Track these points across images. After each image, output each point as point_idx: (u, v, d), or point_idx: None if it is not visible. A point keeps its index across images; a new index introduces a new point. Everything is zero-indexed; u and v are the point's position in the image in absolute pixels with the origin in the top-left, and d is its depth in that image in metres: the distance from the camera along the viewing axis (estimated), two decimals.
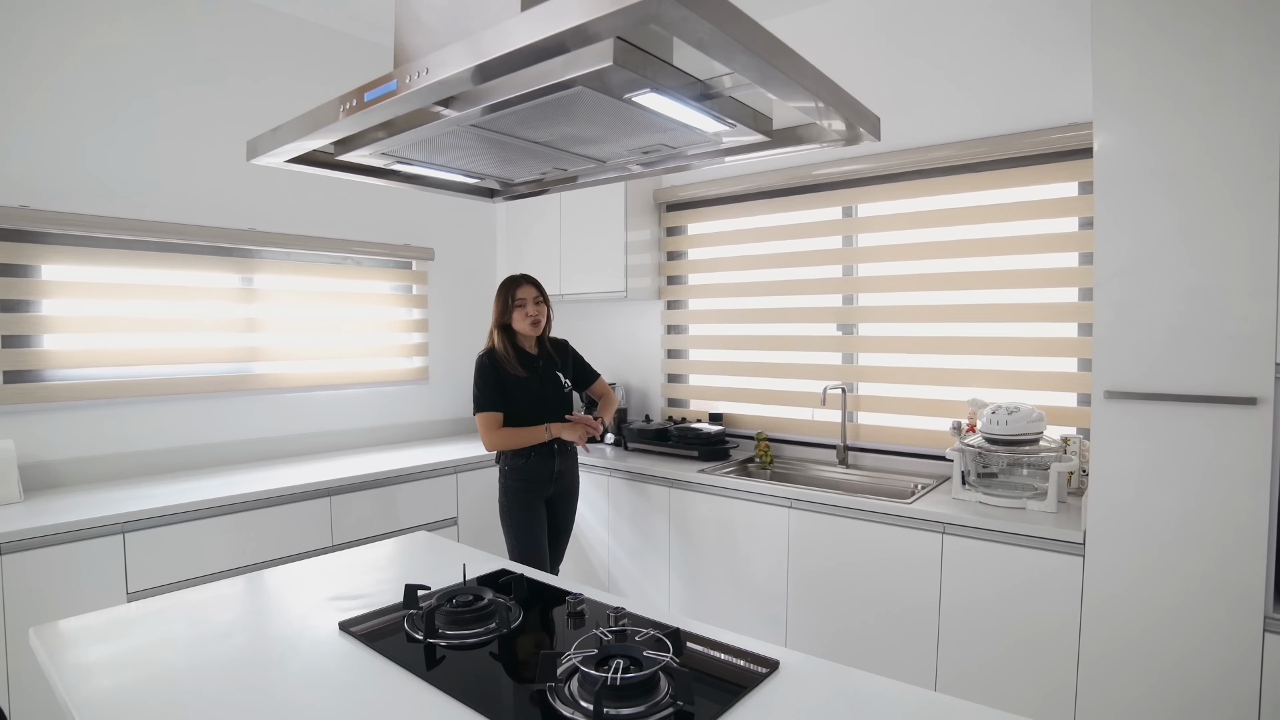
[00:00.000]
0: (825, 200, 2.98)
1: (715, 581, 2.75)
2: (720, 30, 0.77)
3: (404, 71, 0.98)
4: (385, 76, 1.02)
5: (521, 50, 0.79)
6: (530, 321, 2.48)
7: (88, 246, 2.49)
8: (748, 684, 1.13)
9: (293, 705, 1.08)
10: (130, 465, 2.59)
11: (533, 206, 3.73)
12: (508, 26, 0.80)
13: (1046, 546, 2.01)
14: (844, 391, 2.91)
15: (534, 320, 2.48)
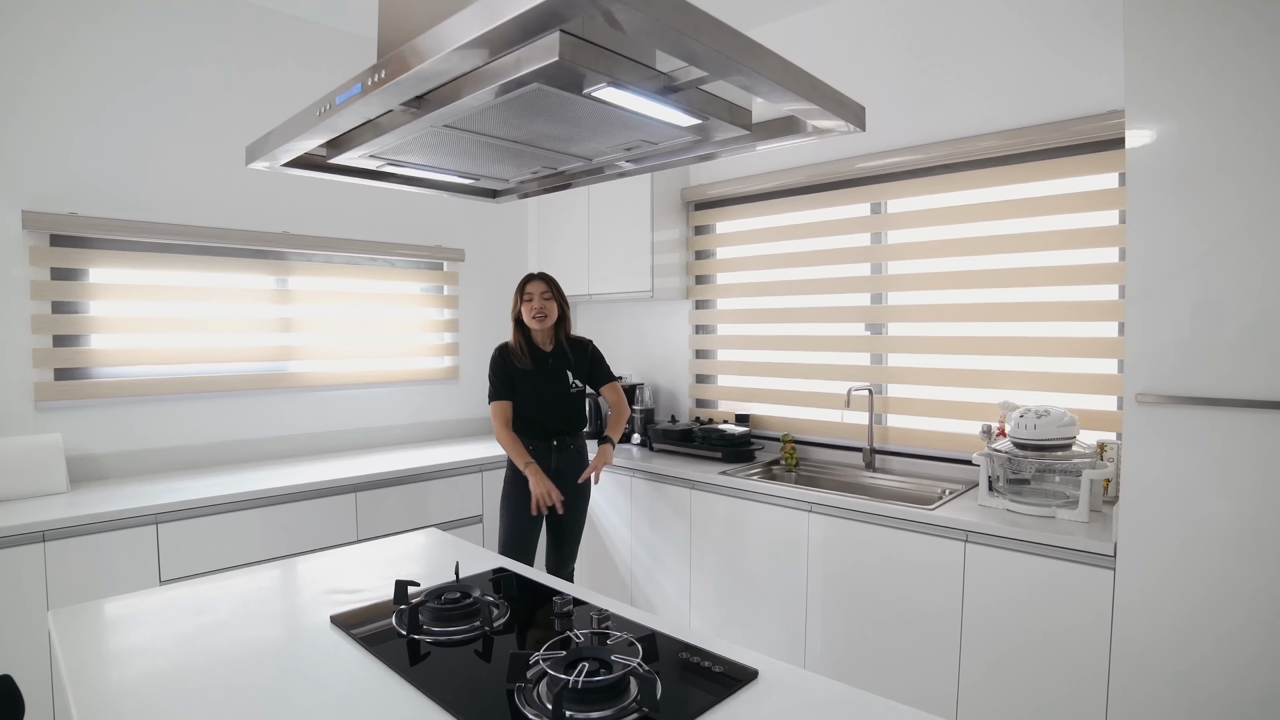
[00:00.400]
0: (854, 196, 2.90)
1: (736, 585, 2.71)
2: (663, 23, 0.75)
3: (366, 74, 0.99)
4: (354, 80, 1.03)
5: (458, 50, 0.79)
6: (534, 315, 2.52)
7: (131, 250, 2.62)
8: (721, 693, 1.10)
9: (273, 695, 1.10)
10: (170, 459, 2.72)
11: (562, 208, 3.76)
12: (445, 26, 0.80)
13: (1074, 558, 1.90)
14: (870, 393, 2.83)
15: (537, 314, 2.53)
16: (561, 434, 2.62)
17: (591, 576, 3.29)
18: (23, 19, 2.37)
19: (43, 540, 2.03)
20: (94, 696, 1.10)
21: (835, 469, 2.89)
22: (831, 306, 3.00)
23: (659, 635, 1.30)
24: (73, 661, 1.22)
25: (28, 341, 2.41)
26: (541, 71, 0.89)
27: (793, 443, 3.00)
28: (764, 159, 3.16)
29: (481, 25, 0.72)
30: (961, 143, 2.55)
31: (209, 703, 1.08)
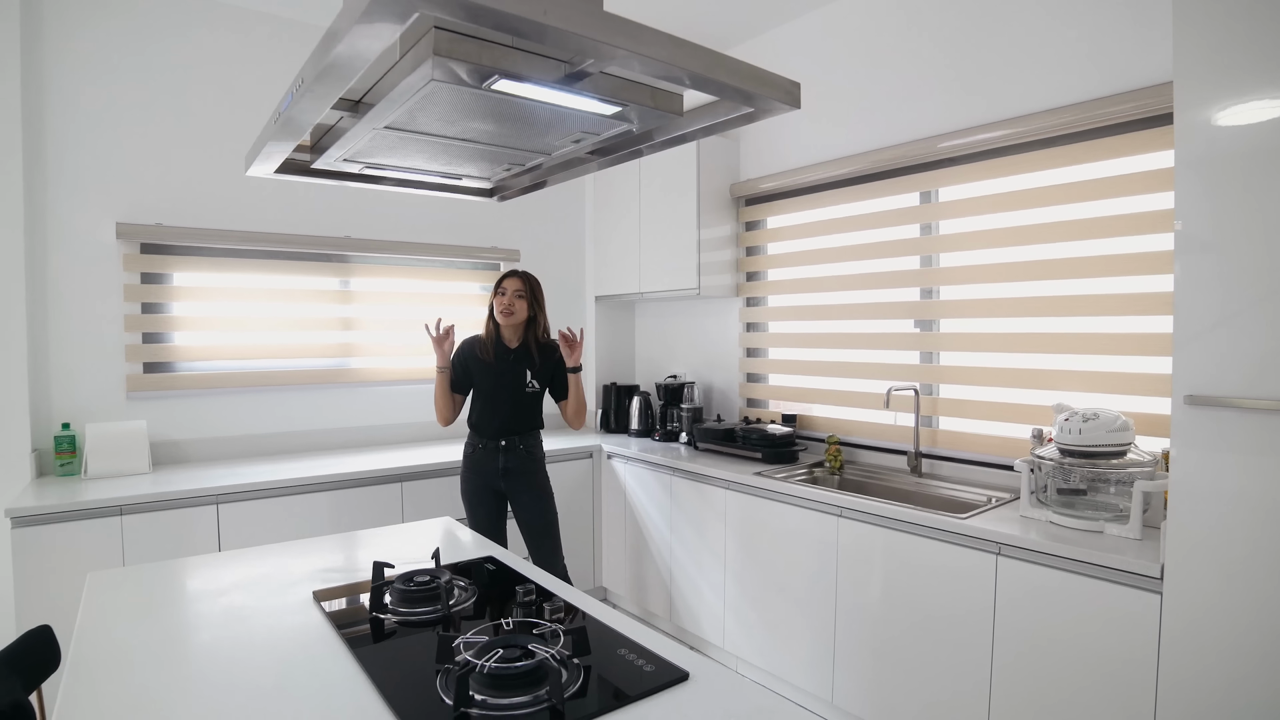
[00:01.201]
0: (903, 186, 2.74)
1: (767, 589, 2.63)
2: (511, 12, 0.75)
3: (295, 82, 1.05)
4: (290, 88, 1.09)
5: (338, 55, 0.83)
6: (502, 310, 2.57)
7: (209, 256, 2.90)
8: (641, 692, 1.08)
9: (231, 658, 1.19)
10: (240, 447, 2.98)
11: (616, 207, 3.79)
12: (332, 25, 0.84)
13: (1116, 578, 1.71)
14: (916, 393, 2.66)
15: (505, 310, 2.57)
16: (510, 433, 2.60)
17: (632, 576, 3.29)
18: (117, 55, 2.68)
19: (120, 514, 2.28)
20: (90, 649, 1.23)
21: (880, 473, 2.74)
22: (880, 302, 2.85)
23: (607, 630, 1.29)
24: (87, 618, 1.37)
25: (122, 339, 2.72)
26: (438, 69, 0.91)
27: (838, 444, 2.87)
28: (811, 149, 3.05)
29: (349, 18, 0.76)
30: (1013, 123, 2.35)
31: (174, 659, 1.17)
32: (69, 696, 1.07)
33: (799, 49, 3.13)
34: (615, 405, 3.85)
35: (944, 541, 2.05)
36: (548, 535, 2.65)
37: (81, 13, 2.62)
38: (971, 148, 2.48)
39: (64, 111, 2.60)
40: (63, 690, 1.10)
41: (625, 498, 3.33)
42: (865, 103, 2.86)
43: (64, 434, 2.52)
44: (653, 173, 3.54)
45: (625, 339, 4.16)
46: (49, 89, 2.57)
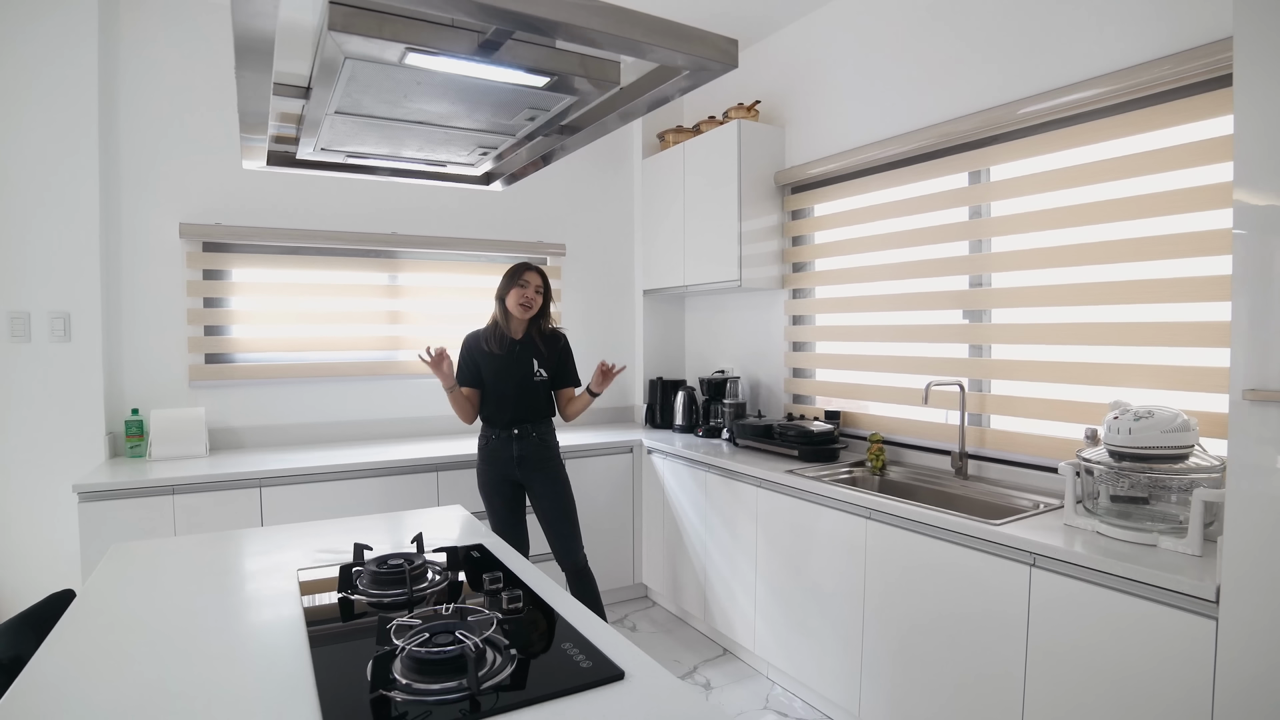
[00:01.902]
0: (952, 166, 2.55)
1: (797, 591, 2.51)
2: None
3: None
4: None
5: (239, 37, 0.83)
6: (521, 303, 2.57)
7: (264, 253, 3.07)
8: (570, 688, 1.03)
9: (203, 626, 1.23)
10: (291, 434, 3.14)
11: (663, 198, 3.73)
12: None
13: (1164, 599, 1.50)
14: (961, 389, 2.46)
15: (524, 304, 2.57)
16: (522, 422, 2.60)
17: (670, 574, 3.23)
18: (182, 67, 2.89)
19: (172, 493, 2.45)
20: (84, 611, 1.31)
21: (924, 475, 2.56)
22: (926, 292, 2.66)
23: (559, 623, 1.25)
24: (94, 582, 1.46)
25: (185, 331, 2.92)
26: (346, 45, 0.91)
27: (880, 443, 2.71)
28: (857, 131, 2.88)
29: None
30: (1068, 90, 2.12)
31: (151, 622, 1.23)
32: (46, 651, 1.15)
33: (843, 26, 2.97)
34: (661, 400, 3.80)
35: (974, 549, 1.88)
36: (565, 522, 2.64)
37: (151, 28, 2.84)
38: (1025, 120, 2.26)
39: (134, 120, 2.82)
40: (44, 645, 1.17)
41: (664, 494, 3.28)
42: (913, 80, 2.67)
43: (133, 419, 2.73)
44: (696, 162, 3.47)
45: (675, 333, 4.10)
46: (120, 99, 2.80)
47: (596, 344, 3.95)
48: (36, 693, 1.02)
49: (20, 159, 2.55)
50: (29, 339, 2.57)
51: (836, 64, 3.01)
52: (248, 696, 1.02)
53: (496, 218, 3.63)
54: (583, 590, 2.68)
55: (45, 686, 1.04)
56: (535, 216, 3.75)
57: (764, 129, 3.26)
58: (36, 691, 1.02)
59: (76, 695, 1.01)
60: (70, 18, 2.60)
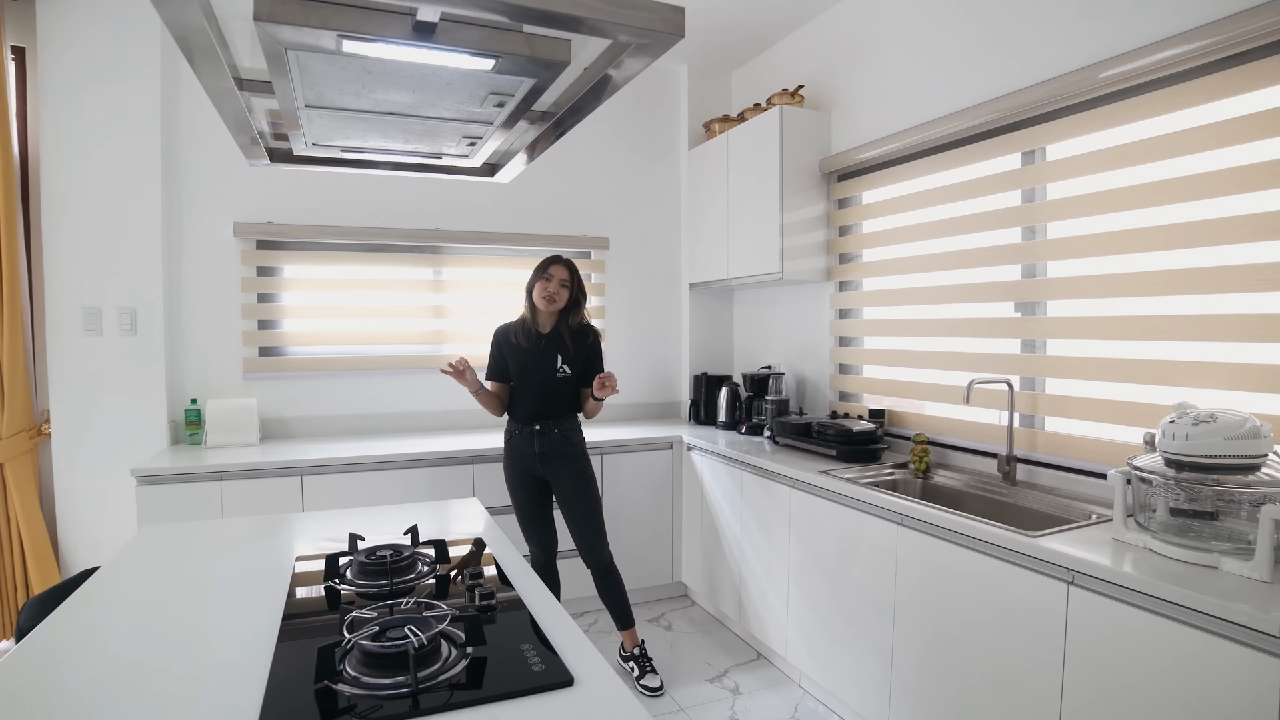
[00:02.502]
0: (1004, 146, 2.35)
1: (827, 598, 2.39)
2: None
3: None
4: None
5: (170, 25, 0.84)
6: (545, 296, 2.52)
7: (314, 250, 3.19)
8: (516, 691, 1.00)
9: (189, 605, 1.28)
10: (339, 425, 3.25)
11: (708, 189, 3.65)
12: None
13: (1219, 629, 1.32)
14: (1010, 388, 2.27)
15: (549, 296, 2.52)
16: (544, 418, 2.57)
17: (708, 574, 3.16)
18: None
19: (220, 479, 2.59)
20: (97, 586, 1.38)
21: (971, 478, 2.38)
22: (975, 283, 2.47)
23: (521, 622, 1.22)
24: (114, 560, 1.55)
25: (239, 325, 3.08)
26: (284, 34, 0.90)
27: (925, 444, 2.54)
28: (907, 112, 2.71)
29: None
30: (1138, 54, 1.91)
31: (147, 596, 1.29)
32: (42, 628, 1.21)
33: (890, 4, 2.80)
34: (705, 396, 3.72)
35: (1007, 561, 1.73)
36: (588, 520, 2.60)
37: None
38: (1089, 89, 2.04)
39: (193, 127, 2.98)
40: (43, 622, 1.24)
41: (702, 492, 3.20)
42: (968, 51, 2.48)
43: (192, 408, 2.90)
44: (739, 151, 3.36)
45: (723, 328, 4.01)
46: (180, 109, 2.96)
47: (642, 339, 3.92)
48: (16, 666, 1.07)
49: (91, 167, 2.75)
50: (100, 332, 2.77)
51: (883, 42, 2.84)
52: (203, 680, 1.04)
53: (540, 212, 3.64)
54: (607, 589, 2.66)
55: (26, 659, 1.09)
56: (580, 210, 3.74)
57: (808, 115, 3.12)
58: (17, 665, 1.08)
59: (50, 671, 1.06)
60: (136, 29, 2.77)
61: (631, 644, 2.68)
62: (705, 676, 2.69)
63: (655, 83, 3.86)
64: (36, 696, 1.00)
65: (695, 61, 3.81)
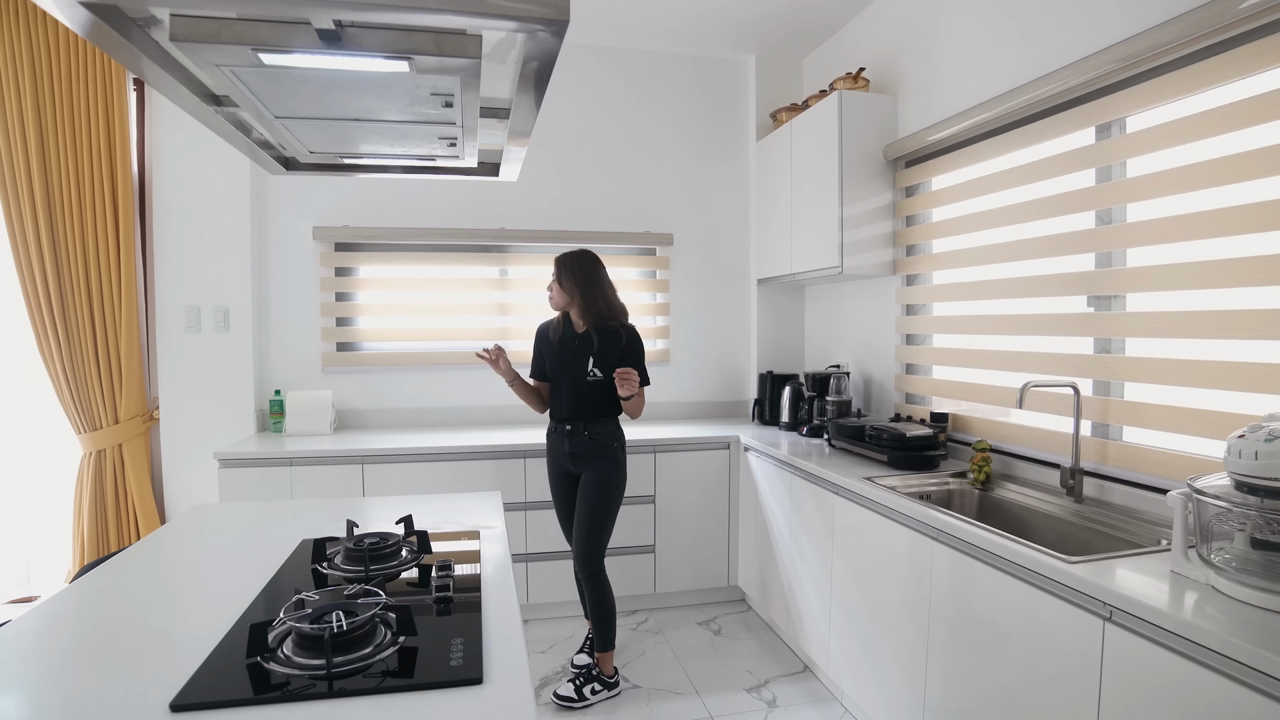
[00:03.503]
0: (1076, 120, 2.09)
1: (865, 613, 2.24)
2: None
3: None
4: None
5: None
6: (549, 298, 2.60)
7: (386, 250, 3.39)
8: (419, 683, 1.01)
9: (191, 569, 1.40)
10: (408, 417, 3.43)
11: (773, 181, 3.53)
12: None
13: (1275, 690, 1.11)
14: (1075, 392, 2.02)
15: (551, 298, 2.61)
16: (574, 419, 2.52)
17: (761, 580, 3.06)
18: None
19: (290, 465, 2.81)
20: (119, 561, 1.54)
21: (1035, 492, 2.15)
22: (1044, 275, 2.22)
23: (463, 618, 1.23)
24: (154, 534, 1.72)
25: (318, 322, 3.33)
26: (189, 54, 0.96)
27: (986, 451, 2.32)
28: (976, 87, 2.47)
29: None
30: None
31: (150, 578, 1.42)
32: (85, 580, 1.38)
33: None
34: (770, 395, 3.60)
35: (1040, 588, 1.54)
36: (587, 526, 2.50)
37: None
38: (1179, 42, 1.77)
39: None
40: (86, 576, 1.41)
41: (757, 495, 3.10)
42: (1043, 15, 2.23)
43: (276, 398, 3.17)
44: (801, 140, 3.22)
45: (793, 324, 3.86)
46: None
47: (708, 336, 3.85)
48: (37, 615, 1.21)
49: (193, 183, 3.07)
50: (199, 329, 3.09)
51: (952, 12, 2.61)
52: (165, 647, 1.13)
53: (603, 209, 3.67)
54: (591, 603, 2.55)
55: (44, 612, 1.23)
56: (644, 207, 3.73)
57: (870, 99, 2.93)
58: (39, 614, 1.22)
59: (56, 623, 1.19)
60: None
61: (607, 669, 2.55)
62: (744, 685, 2.60)
63: (721, 74, 3.77)
64: (32, 645, 1.13)
65: (763, 51, 3.69)
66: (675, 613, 3.24)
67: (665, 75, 3.71)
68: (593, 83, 3.62)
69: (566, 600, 3.13)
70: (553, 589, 3.09)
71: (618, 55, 3.64)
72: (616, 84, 3.65)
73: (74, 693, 0.99)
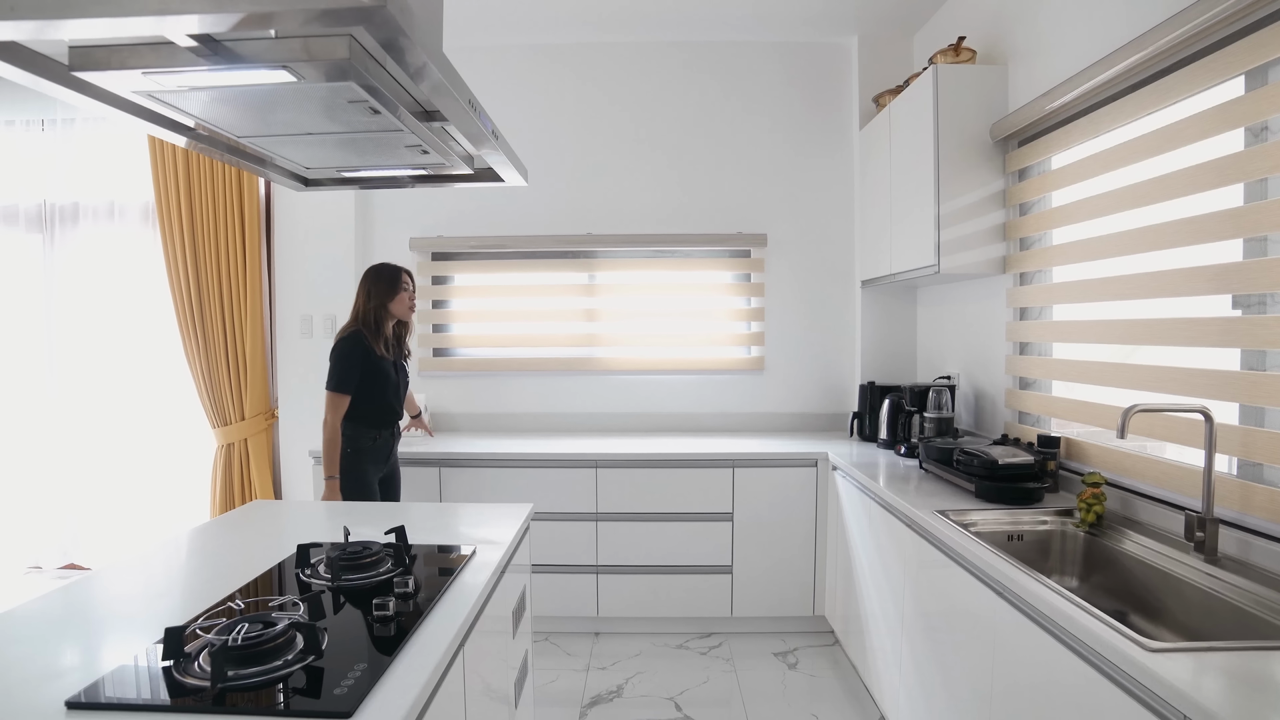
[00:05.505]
0: (1217, 68, 1.64)
1: (932, 667, 1.92)
2: None
3: None
4: None
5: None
6: (409, 306, 2.59)
7: (478, 259, 3.51)
8: (290, 711, 0.97)
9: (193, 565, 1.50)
10: (498, 422, 3.52)
11: (874, 174, 3.20)
12: None
13: None
14: (1207, 419, 1.57)
15: (412, 306, 2.60)
16: (398, 421, 2.66)
17: (843, 611, 2.77)
18: None
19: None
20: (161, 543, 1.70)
21: (1157, 542, 1.71)
22: (1171, 270, 1.77)
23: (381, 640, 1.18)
24: (208, 522, 1.87)
25: (416, 329, 3.51)
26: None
27: (1098, 486, 1.90)
28: (1102, 36, 2.04)
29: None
30: None
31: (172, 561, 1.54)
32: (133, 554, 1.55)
33: None
34: (869, 409, 3.26)
35: (1112, 679, 1.20)
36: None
37: None
38: None
39: None
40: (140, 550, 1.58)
41: (842, 518, 2.81)
42: None
43: None
44: (898, 126, 2.88)
45: (903, 330, 3.48)
46: None
47: (807, 342, 3.58)
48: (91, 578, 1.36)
49: (308, 201, 3.38)
50: (311, 335, 3.39)
51: None
52: (131, 625, 1.22)
53: (691, 211, 3.53)
54: None
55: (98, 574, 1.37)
56: (735, 206, 3.54)
57: (974, 71, 2.54)
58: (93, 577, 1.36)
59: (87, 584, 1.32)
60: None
61: None
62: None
63: (818, 60, 3.49)
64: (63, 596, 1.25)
65: (867, 30, 3.36)
66: (751, 640, 3.02)
67: (755, 67, 3.50)
68: (676, 79, 3.50)
69: (638, 616, 3.04)
70: (624, 603, 3.01)
71: (702, 49, 3.49)
72: (701, 79, 3.50)
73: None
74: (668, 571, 3.01)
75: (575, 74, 3.48)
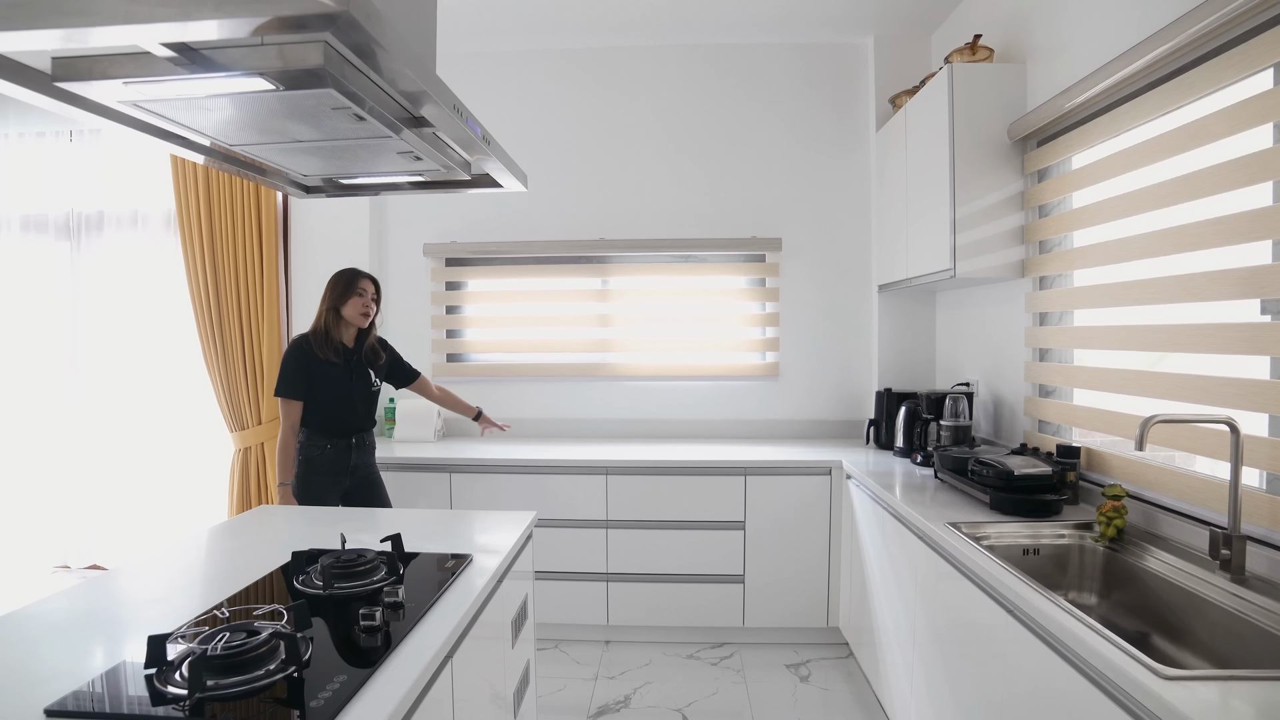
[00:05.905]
0: (1245, 60, 1.57)
1: (944, 688, 1.86)
2: None
3: None
4: None
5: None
6: (361, 312, 2.51)
7: (492, 265, 3.51)
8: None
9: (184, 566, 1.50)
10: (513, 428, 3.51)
11: (890, 176, 3.15)
12: None
13: None
14: (1233, 431, 1.49)
15: (365, 312, 2.52)
16: (360, 431, 2.58)
17: (857, 623, 2.70)
18: None
19: (384, 471, 2.98)
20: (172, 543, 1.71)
21: (1182, 560, 1.63)
22: (1196, 273, 1.69)
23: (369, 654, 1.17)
24: (216, 525, 1.89)
25: (429, 334, 3.52)
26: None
27: (1118, 499, 1.82)
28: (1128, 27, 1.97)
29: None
30: None
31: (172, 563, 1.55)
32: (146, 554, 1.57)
33: None
34: (886, 416, 3.19)
35: (1119, 704, 1.14)
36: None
37: None
38: None
39: None
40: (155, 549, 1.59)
41: (855, 527, 2.75)
42: None
43: (390, 405, 3.41)
44: (914, 126, 2.82)
45: (922, 336, 3.40)
46: None
47: (823, 348, 3.51)
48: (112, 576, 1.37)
49: (323, 209, 3.41)
50: None
51: None
52: (121, 630, 1.22)
53: (704, 215, 3.49)
54: None
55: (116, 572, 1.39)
56: (750, 209, 3.50)
57: (991, 70, 2.48)
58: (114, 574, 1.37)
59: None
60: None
61: None
62: None
63: (833, 61, 3.44)
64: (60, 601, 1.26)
65: (883, 30, 3.30)
66: (763, 650, 2.96)
67: (770, 68, 3.46)
68: (692, 83, 3.47)
69: (649, 625, 3.00)
70: (634, 611, 2.98)
71: (717, 51, 3.45)
72: (715, 82, 3.47)
73: None
74: (679, 580, 2.98)
75: (594, 78, 3.47)
